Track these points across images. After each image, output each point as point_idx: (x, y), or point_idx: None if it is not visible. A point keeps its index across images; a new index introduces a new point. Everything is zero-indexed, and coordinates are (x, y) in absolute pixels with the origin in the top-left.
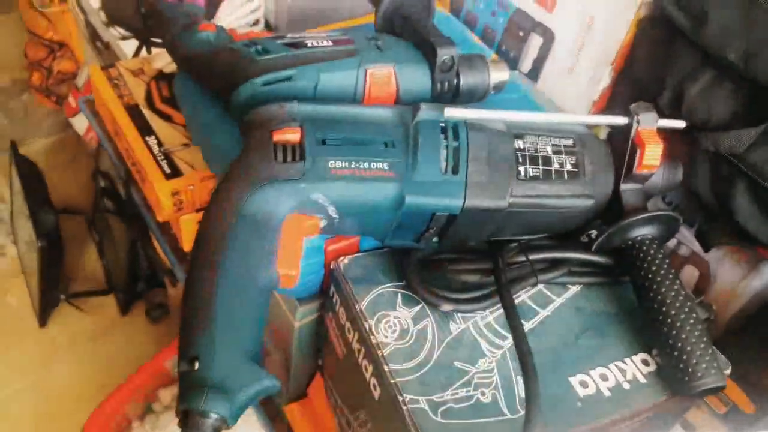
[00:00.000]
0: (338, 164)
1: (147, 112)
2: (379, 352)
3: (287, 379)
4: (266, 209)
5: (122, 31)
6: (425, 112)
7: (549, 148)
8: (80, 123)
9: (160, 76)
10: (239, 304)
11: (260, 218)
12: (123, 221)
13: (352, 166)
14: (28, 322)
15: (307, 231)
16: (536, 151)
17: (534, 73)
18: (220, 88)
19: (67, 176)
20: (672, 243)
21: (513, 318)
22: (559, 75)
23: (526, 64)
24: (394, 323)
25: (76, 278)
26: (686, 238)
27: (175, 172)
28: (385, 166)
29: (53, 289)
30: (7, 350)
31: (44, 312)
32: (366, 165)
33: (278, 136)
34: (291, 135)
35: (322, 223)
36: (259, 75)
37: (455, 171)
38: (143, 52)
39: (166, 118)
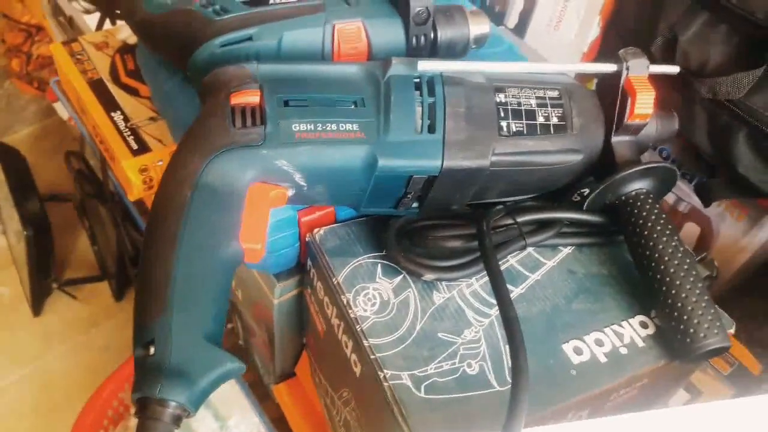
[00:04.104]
0: (303, 127)
1: (112, 87)
2: (357, 326)
3: (272, 359)
4: (226, 179)
5: (85, 3)
6: (397, 66)
7: (533, 101)
8: (63, 108)
9: (125, 48)
10: (198, 283)
11: (220, 189)
12: (103, 204)
13: (318, 128)
14: (22, 313)
15: (273, 201)
16: (519, 104)
17: (521, 28)
18: (178, 54)
19: (53, 163)
20: (671, 199)
21: (498, 285)
22: (546, 28)
23: (512, 19)
24: (373, 295)
25: (69, 266)
26: (686, 194)
27: (142, 148)
28: (355, 127)
29: (44, 277)
30: (2, 341)
31: (37, 301)
32: (334, 127)
33: (236, 99)
34: (250, 97)
35: (290, 192)
36: (216, 36)
37: (432, 129)
38: (107, 24)
39: (132, 91)
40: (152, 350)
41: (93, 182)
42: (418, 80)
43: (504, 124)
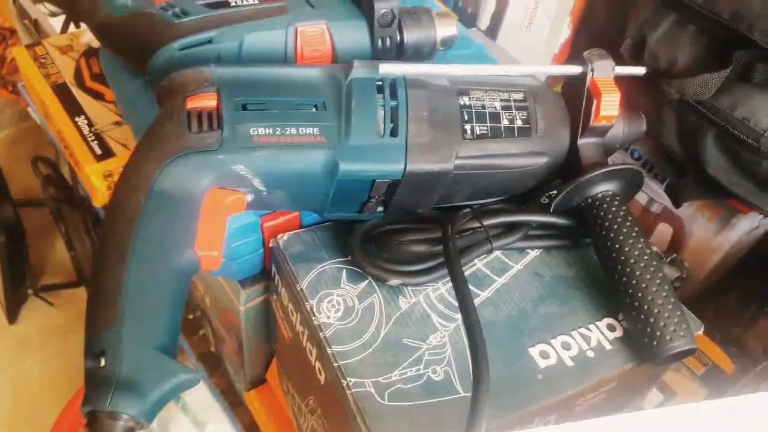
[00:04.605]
0: (261, 131)
1: (76, 91)
2: (321, 333)
3: (242, 366)
4: (181, 185)
5: (50, 6)
6: (359, 69)
7: (497, 104)
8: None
9: (90, 51)
10: (150, 292)
11: (174, 195)
12: (74, 209)
13: (278, 132)
14: None
15: (230, 207)
16: (483, 107)
17: (493, 30)
18: (138, 58)
19: (29, 168)
20: (644, 200)
21: (461, 290)
22: (518, 29)
23: (485, 21)
24: (337, 302)
25: (46, 272)
26: (658, 195)
27: (106, 153)
28: (315, 131)
29: (19, 284)
30: None
31: (12, 308)
32: (293, 130)
33: (192, 103)
34: (207, 101)
35: (249, 198)
36: (176, 39)
37: (394, 133)
38: (71, 27)
39: (97, 96)
40: (103, 362)
41: (63, 188)
42: (380, 83)
43: (468, 127)
